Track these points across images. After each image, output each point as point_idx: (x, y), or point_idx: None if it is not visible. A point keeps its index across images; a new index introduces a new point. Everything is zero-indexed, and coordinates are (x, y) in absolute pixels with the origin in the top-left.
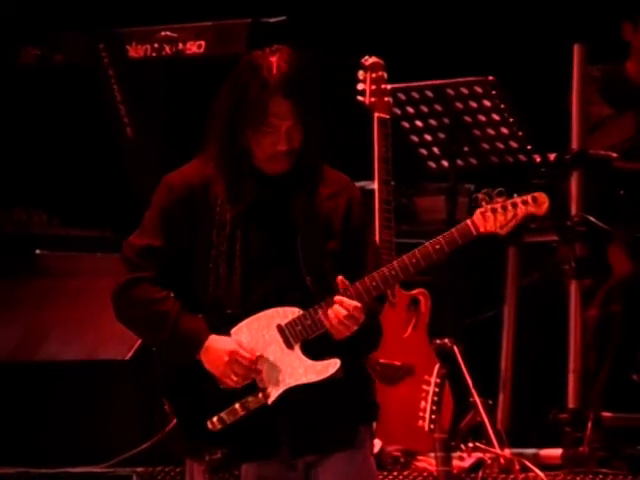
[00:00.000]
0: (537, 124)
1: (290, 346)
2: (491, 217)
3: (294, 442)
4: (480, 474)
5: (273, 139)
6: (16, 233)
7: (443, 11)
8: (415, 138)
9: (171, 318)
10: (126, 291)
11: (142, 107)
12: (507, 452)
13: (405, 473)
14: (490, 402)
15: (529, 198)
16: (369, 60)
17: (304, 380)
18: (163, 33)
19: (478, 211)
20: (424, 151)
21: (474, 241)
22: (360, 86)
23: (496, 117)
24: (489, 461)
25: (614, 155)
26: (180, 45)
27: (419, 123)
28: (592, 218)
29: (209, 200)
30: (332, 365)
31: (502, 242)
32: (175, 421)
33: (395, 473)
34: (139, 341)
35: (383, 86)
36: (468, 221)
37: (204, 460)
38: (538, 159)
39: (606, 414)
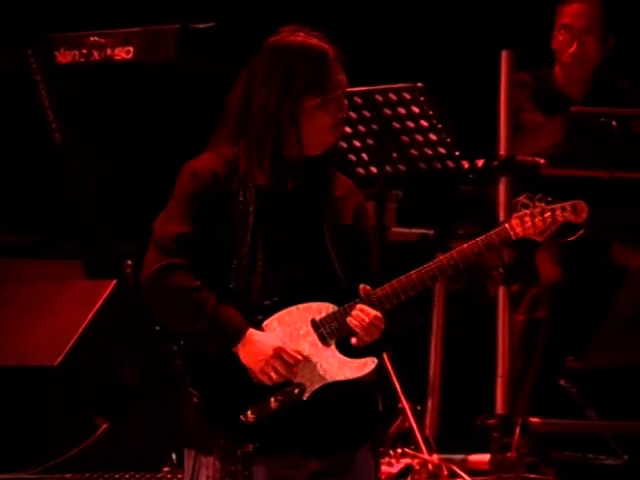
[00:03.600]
0: (465, 130)
1: (325, 342)
2: (529, 222)
3: (306, 441)
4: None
5: (335, 107)
6: None
7: (371, 17)
8: (343, 144)
9: (210, 307)
10: (161, 277)
11: (71, 113)
12: (435, 458)
13: None
14: (418, 408)
15: (568, 205)
16: None
17: (341, 377)
18: (92, 38)
19: (516, 215)
20: (353, 157)
21: (402, 247)
22: None
23: (424, 123)
24: (417, 467)
25: (542, 161)
26: (109, 51)
27: (347, 129)
28: None
29: (232, 189)
30: (369, 363)
31: (430, 247)
32: (190, 411)
33: None
34: (68, 347)
35: None
36: (506, 225)
37: (213, 452)
38: (466, 165)
39: (534, 420)
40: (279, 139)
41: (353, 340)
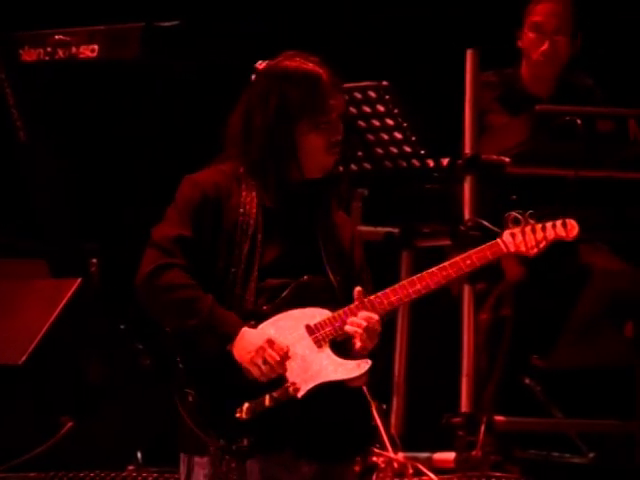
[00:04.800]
0: (431, 129)
1: (320, 345)
2: (520, 239)
3: (299, 443)
4: (374, 478)
5: (329, 130)
6: None
7: (337, 15)
8: None
9: (207, 304)
10: (158, 275)
11: (35, 111)
12: (400, 456)
13: None
14: (384, 406)
15: (559, 223)
16: (263, 64)
17: (334, 377)
18: (56, 37)
19: (508, 231)
20: None
21: (368, 245)
22: None
23: (390, 122)
24: (383, 465)
25: (507, 160)
26: (73, 49)
27: None
28: (485, 223)
29: (232, 201)
30: (363, 364)
31: (396, 246)
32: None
33: None
34: (33, 345)
35: None
36: (499, 240)
37: (208, 451)
38: (431, 164)
39: (499, 418)
40: (278, 162)
41: (357, 345)
